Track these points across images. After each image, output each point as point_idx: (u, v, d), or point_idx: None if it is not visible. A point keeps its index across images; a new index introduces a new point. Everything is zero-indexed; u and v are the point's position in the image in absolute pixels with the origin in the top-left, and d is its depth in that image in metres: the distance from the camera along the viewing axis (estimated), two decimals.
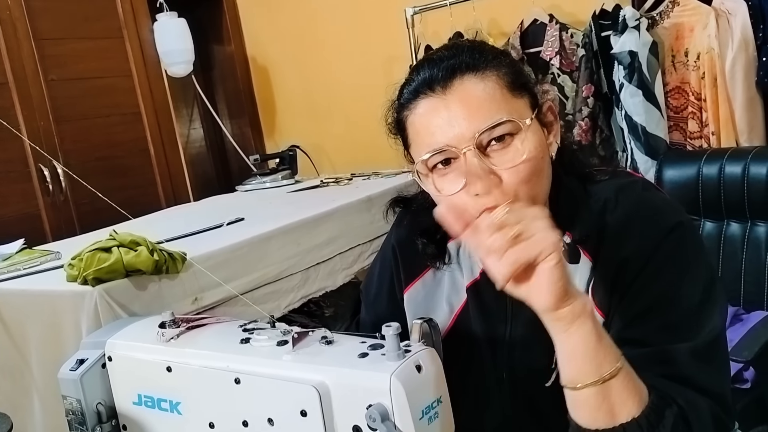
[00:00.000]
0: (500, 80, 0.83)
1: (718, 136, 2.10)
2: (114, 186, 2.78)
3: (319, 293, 2.07)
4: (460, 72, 0.83)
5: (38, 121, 2.64)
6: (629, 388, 0.73)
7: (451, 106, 0.82)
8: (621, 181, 0.92)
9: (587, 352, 0.72)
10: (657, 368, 0.78)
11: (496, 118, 0.81)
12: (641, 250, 0.83)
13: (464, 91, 0.82)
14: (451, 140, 0.82)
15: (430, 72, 0.85)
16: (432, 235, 1.00)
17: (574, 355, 0.73)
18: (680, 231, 0.84)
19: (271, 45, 3.48)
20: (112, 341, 0.94)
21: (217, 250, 1.75)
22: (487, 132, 0.81)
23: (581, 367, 0.73)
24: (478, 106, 0.81)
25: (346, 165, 3.12)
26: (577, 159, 0.96)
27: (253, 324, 0.87)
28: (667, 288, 0.81)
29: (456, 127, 0.81)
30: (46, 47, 2.69)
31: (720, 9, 2.07)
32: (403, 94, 0.89)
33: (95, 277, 1.48)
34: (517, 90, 0.85)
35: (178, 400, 0.86)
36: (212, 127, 3.68)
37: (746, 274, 1.82)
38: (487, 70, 0.83)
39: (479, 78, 0.83)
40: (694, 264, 0.84)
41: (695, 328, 0.80)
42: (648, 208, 0.87)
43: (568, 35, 2.35)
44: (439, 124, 0.83)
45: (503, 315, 0.95)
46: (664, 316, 0.80)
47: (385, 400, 0.69)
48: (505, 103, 0.82)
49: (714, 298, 0.83)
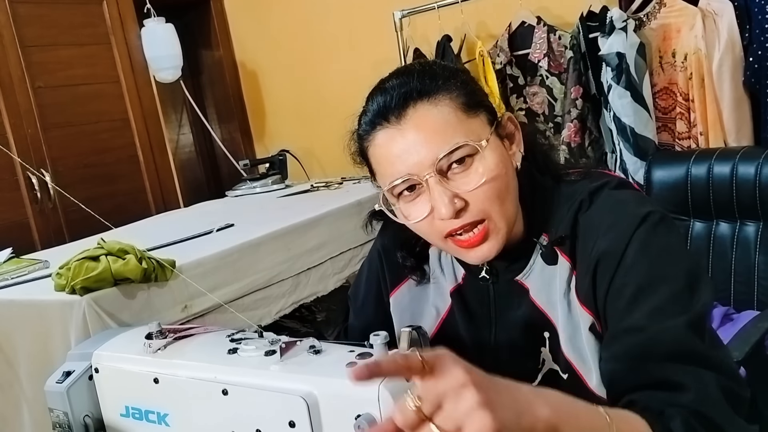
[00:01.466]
0: (453, 102, 0.84)
1: (707, 136, 2.11)
2: (103, 193, 2.78)
3: (310, 298, 2.07)
4: (412, 100, 0.84)
5: (26, 128, 2.63)
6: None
7: (407, 135, 0.83)
8: (595, 182, 0.92)
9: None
10: (658, 349, 0.77)
11: (453, 142, 0.82)
12: (616, 243, 0.83)
13: (419, 119, 0.83)
14: (412, 168, 0.83)
15: (384, 101, 0.85)
16: (411, 248, 1.01)
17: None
18: (652, 219, 0.84)
19: (260, 49, 3.47)
20: (99, 353, 0.93)
21: (207, 257, 1.74)
22: (445, 158, 0.82)
23: None
24: (434, 132, 0.82)
25: (337, 169, 3.10)
26: (550, 159, 0.97)
27: (240, 334, 0.87)
28: (649, 272, 0.81)
29: (415, 155, 0.82)
30: (32, 54, 2.68)
31: (706, 10, 2.08)
32: (361, 125, 0.90)
33: (83, 287, 1.47)
34: (472, 109, 0.85)
35: (166, 411, 0.86)
36: (202, 133, 3.67)
37: (736, 274, 1.83)
38: (439, 95, 0.84)
39: (432, 104, 0.83)
40: (671, 247, 0.84)
41: (684, 305, 0.79)
42: (619, 204, 0.87)
43: (556, 37, 2.35)
44: (398, 154, 0.83)
45: (487, 319, 0.95)
46: (652, 300, 0.80)
47: (373, 409, 0.69)
48: (461, 125, 0.83)
49: (698, 277, 0.83)
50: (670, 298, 0.80)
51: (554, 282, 0.89)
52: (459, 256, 0.89)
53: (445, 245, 0.88)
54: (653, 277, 0.81)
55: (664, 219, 0.85)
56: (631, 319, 0.80)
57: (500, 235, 0.85)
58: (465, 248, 0.85)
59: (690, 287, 0.81)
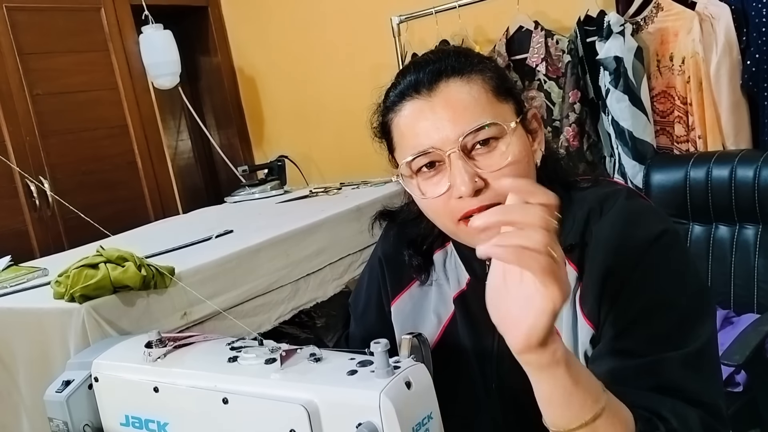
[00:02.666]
0: (485, 84, 0.84)
1: (705, 139, 2.11)
2: (102, 200, 2.78)
3: (309, 304, 2.06)
4: (445, 75, 0.84)
5: (24, 136, 2.63)
6: (614, 425, 0.70)
7: (436, 108, 0.83)
8: (605, 189, 0.91)
9: (561, 400, 0.69)
10: (646, 380, 0.77)
11: (481, 121, 0.81)
12: (627, 259, 0.82)
13: (449, 94, 0.83)
14: (436, 143, 0.82)
15: (416, 75, 0.85)
16: (418, 247, 1.00)
17: (549, 402, 0.70)
18: (665, 239, 0.83)
19: (258, 55, 3.47)
20: (99, 361, 0.93)
21: (206, 264, 1.74)
22: (471, 135, 0.81)
23: (558, 413, 0.70)
24: (464, 109, 0.82)
25: (335, 174, 3.12)
26: (560, 167, 0.96)
27: (240, 342, 0.86)
28: (653, 297, 0.81)
29: (441, 130, 0.82)
30: (30, 62, 2.68)
31: (703, 13, 2.08)
32: (389, 97, 0.89)
33: (82, 294, 1.46)
34: (502, 95, 0.85)
35: (166, 420, 0.85)
36: (200, 139, 3.67)
37: (735, 277, 1.83)
38: (472, 74, 0.84)
39: (464, 81, 0.83)
40: (680, 272, 0.83)
41: (684, 336, 0.79)
42: (632, 217, 0.86)
43: (553, 41, 2.36)
44: (424, 127, 0.83)
45: (491, 325, 0.94)
46: (651, 326, 0.79)
47: (374, 418, 0.69)
48: (490, 107, 0.83)
49: (702, 306, 0.82)
50: (670, 327, 0.79)
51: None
52: (469, 241, 0.87)
53: (456, 229, 0.86)
54: (657, 302, 0.80)
55: (676, 239, 0.85)
56: (627, 342, 0.80)
57: None
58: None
59: (694, 316, 0.80)
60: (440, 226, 0.90)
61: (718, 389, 0.82)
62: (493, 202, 0.81)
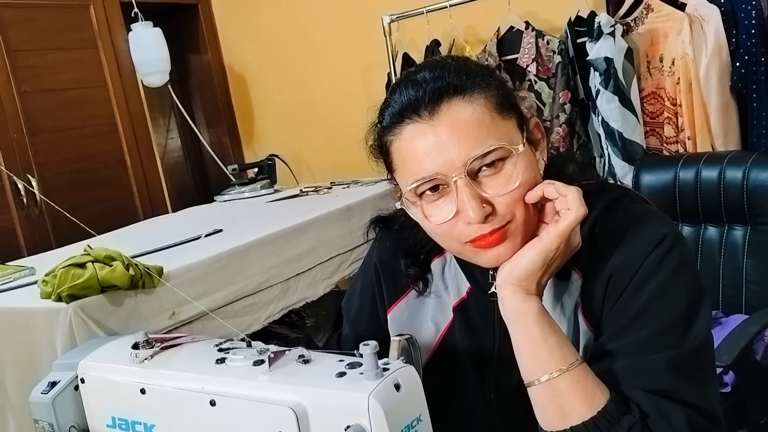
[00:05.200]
0: (489, 103, 0.80)
1: (694, 140, 2.12)
2: (90, 198, 2.76)
3: (299, 304, 2.06)
4: (447, 95, 0.79)
5: (11, 133, 2.60)
6: (579, 389, 0.76)
7: (439, 132, 0.79)
8: (610, 195, 0.90)
9: (530, 350, 0.79)
10: (635, 381, 0.78)
11: (487, 144, 0.78)
12: (628, 264, 0.82)
13: (453, 116, 0.79)
14: (441, 168, 0.79)
15: (415, 94, 0.81)
16: (415, 257, 0.98)
17: (518, 350, 0.81)
18: (667, 243, 0.82)
19: (249, 53, 3.46)
20: (85, 363, 0.92)
21: (195, 263, 1.73)
22: (478, 159, 0.78)
23: (527, 363, 0.80)
24: (468, 132, 0.78)
25: (326, 173, 3.11)
26: (563, 171, 0.93)
27: (228, 343, 0.85)
28: (649, 300, 0.80)
29: (446, 155, 0.78)
30: (18, 58, 2.65)
31: (693, 15, 2.09)
32: (384, 117, 0.85)
33: (69, 294, 1.45)
34: (506, 111, 0.82)
35: (153, 422, 0.85)
36: (190, 137, 3.65)
37: (724, 278, 1.84)
38: (475, 93, 0.80)
39: (467, 102, 0.80)
40: (679, 276, 0.82)
41: (676, 340, 0.79)
42: (637, 223, 0.85)
43: (544, 42, 2.36)
44: (428, 151, 0.79)
45: (491, 334, 0.92)
46: (644, 328, 0.79)
47: (363, 420, 0.68)
48: (495, 127, 0.80)
49: (699, 310, 0.82)
50: (663, 330, 0.79)
51: (563, 298, 0.87)
52: (473, 259, 0.85)
53: (462, 249, 0.84)
54: (653, 305, 0.80)
55: (679, 241, 0.84)
56: (619, 343, 0.80)
57: (518, 239, 0.81)
58: (483, 248, 0.81)
59: (688, 320, 0.80)
60: (444, 246, 0.88)
61: (712, 392, 0.82)
62: (501, 225, 0.80)
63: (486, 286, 0.92)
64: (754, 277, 1.78)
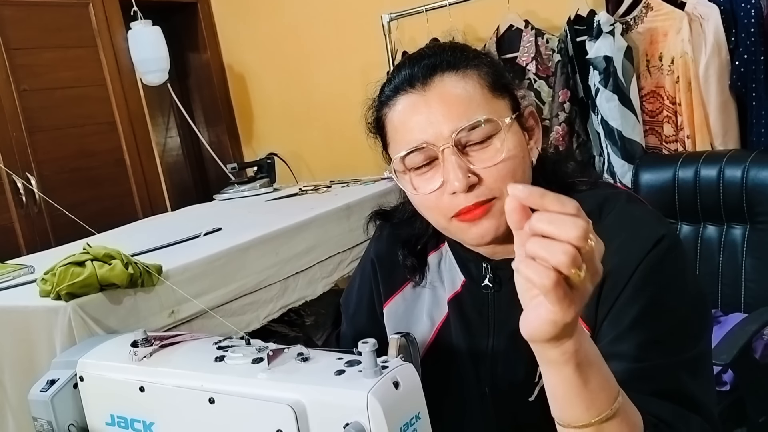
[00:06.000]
0: (481, 80, 0.83)
1: (693, 139, 2.12)
2: (90, 197, 2.76)
3: (298, 303, 2.05)
4: (440, 70, 0.83)
5: (11, 132, 2.60)
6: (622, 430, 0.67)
7: (430, 103, 0.82)
8: (604, 192, 0.90)
9: (566, 397, 0.66)
10: (645, 384, 0.76)
11: (475, 117, 0.80)
12: (626, 264, 0.81)
13: (444, 89, 0.82)
14: (430, 137, 0.81)
15: (410, 69, 0.85)
16: (412, 247, 0.99)
17: (554, 395, 0.68)
18: (664, 244, 0.82)
19: (248, 52, 3.46)
20: (84, 361, 0.92)
21: (194, 262, 1.73)
22: (465, 131, 0.80)
23: (562, 409, 0.68)
24: (458, 105, 0.81)
25: (325, 172, 3.11)
26: (559, 168, 0.94)
27: (227, 341, 0.85)
28: (652, 302, 0.80)
29: (435, 125, 0.81)
30: (17, 57, 2.65)
31: (693, 14, 2.09)
32: (383, 91, 0.89)
33: (68, 292, 1.45)
34: (498, 91, 0.84)
35: (152, 420, 0.85)
36: (189, 136, 3.65)
37: (723, 277, 1.84)
38: (468, 69, 0.83)
39: (460, 77, 0.83)
40: (679, 277, 0.82)
41: (682, 342, 0.78)
42: (632, 221, 0.85)
43: (543, 41, 2.36)
44: (418, 121, 0.82)
45: (485, 328, 0.93)
46: (650, 331, 0.79)
47: (362, 418, 0.68)
48: (486, 103, 0.82)
49: (700, 311, 0.82)
50: (668, 333, 0.79)
51: None
52: (460, 237, 0.86)
53: (448, 225, 0.85)
54: (656, 307, 0.79)
55: (676, 243, 0.84)
56: (624, 346, 0.79)
57: (503, 219, 0.76)
58: (468, 222, 0.82)
59: (692, 322, 0.80)
60: (432, 222, 0.89)
61: (713, 395, 0.82)
62: (486, 198, 0.80)
63: (479, 278, 0.93)
64: (753, 276, 1.78)
